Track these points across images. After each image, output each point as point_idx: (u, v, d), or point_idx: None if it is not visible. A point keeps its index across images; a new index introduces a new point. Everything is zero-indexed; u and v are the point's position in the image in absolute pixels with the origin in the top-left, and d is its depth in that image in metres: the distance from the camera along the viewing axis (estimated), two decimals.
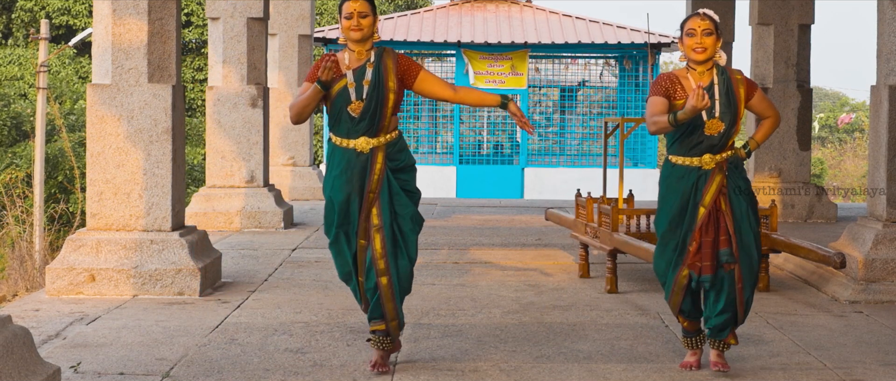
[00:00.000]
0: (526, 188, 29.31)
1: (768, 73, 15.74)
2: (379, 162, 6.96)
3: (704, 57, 6.95)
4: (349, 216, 6.99)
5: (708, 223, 7.01)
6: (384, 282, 6.98)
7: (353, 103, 6.92)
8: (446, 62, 31.88)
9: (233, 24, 14.41)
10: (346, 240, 7.03)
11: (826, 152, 45.85)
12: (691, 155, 7.01)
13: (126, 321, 8.56)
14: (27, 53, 37.71)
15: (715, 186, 6.99)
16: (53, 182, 25.18)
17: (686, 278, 7.07)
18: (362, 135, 6.95)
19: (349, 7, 6.92)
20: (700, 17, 6.96)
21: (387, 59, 7.00)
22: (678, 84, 7.02)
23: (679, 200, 7.04)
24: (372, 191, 6.95)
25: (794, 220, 15.64)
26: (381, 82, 6.94)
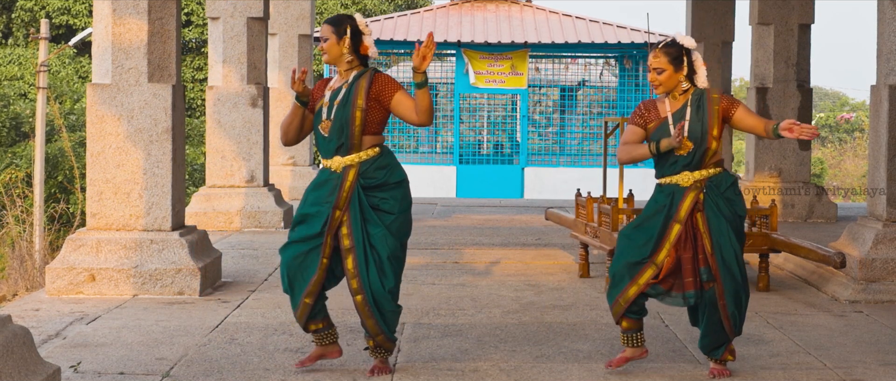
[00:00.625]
0: (526, 188, 29.30)
1: (768, 72, 15.74)
2: (349, 180, 6.92)
3: (663, 91, 7.06)
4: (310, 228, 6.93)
5: (685, 240, 6.99)
6: (359, 300, 6.92)
7: (323, 122, 6.97)
8: (446, 62, 31.89)
9: (233, 24, 14.41)
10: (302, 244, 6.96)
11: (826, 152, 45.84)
12: (670, 173, 7.04)
13: (126, 321, 8.56)
14: (27, 53, 37.72)
15: (689, 202, 6.97)
16: (53, 182, 25.17)
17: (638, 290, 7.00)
18: (335, 154, 6.96)
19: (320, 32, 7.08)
20: (653, 55, 7.04)
21: (362, 80, 6.98)
22: (654, 109, 7.13)
23: (653, 208, 7.07)
24: (338, 208, 6.90)
25: (794, 220, 15.64)
26: (350, 101, 6.92)
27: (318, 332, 7.12)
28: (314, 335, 7.14)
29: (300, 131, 7.17)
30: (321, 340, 7.15)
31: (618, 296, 7.05)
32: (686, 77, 7.03)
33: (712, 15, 18.46)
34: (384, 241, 6.93)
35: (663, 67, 7.01)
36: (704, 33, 18.55)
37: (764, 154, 15.78)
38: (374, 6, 42.20)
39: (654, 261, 6.98)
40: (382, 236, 6.93)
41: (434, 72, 31.84)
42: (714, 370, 7.15)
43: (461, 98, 29.95)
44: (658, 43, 7.12)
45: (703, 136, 6.97)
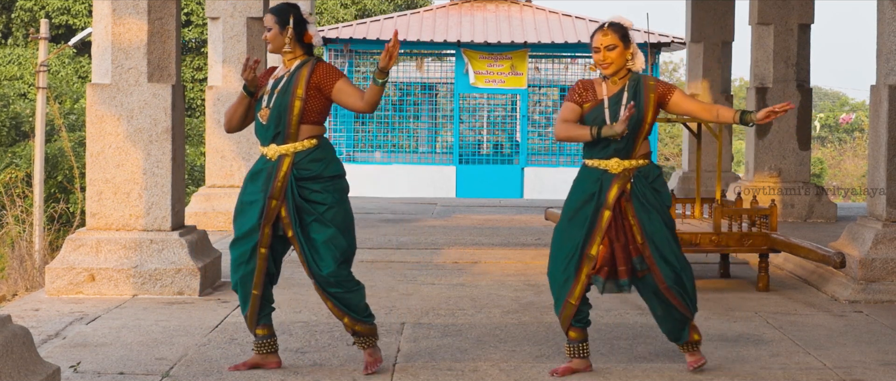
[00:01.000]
0: (526, 188, 29.29)
1: (768, 72, 15.74)
2: (283, 170, 6.91)
3: (610, 71, 7.02)
4: (248, 220, 6.95)
5: (616, 229, 6.99)
6: (315, 285, 7.02)
7: (262, 110, 6.98)
8: (446, 62, 31.89)
9: (232, 24, 14.41)
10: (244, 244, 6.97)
11: (826, 152, 45.85)
12: (600, 157, 7.02)
13: (126, 321, 8.56)
14: (27, 53, 37.73)
15: (617, 189, 6.97)
16: (53, 182, 25.19)
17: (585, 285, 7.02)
18: (271, 142, 6.96)
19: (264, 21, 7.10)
20: (602, 32, 7.01)
21: (304, 69, 6.99)
22: (591, 90, 7.09)
23: (581, 197, 7.05)
24: (274, 198, 6.90)
25: (794, 219, 15.64)
26: (289, 90, 6.93)
27: (262, 338, 7.12)
28: (256, 341, 7.13)
29: (244, 119, 7.18)
30: (261, 347, 7.13)
31: (566, 297, 7.03)
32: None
33: (712, 15, 18.46)
34: (318, 229, 6.91)
35: (615, 43, 6.98)
36: (704, 33, 18.56)
37: (764, 154, 15.78)
38: (373, 6, 42.22)
39: (588, 254, 6.98)
40: (315, 226, 6.91)
41: (434, 72, 31.83)
42: (691, 362, 7.17)
43: (461, 98, 29.93)
44: (602, 24, 7.07)
45: (638, 122, 6.97)
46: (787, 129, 15.74)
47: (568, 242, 7.04)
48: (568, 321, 7.09)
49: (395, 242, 13.43)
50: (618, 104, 6.99)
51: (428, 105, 31.86)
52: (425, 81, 31.53)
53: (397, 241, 13.52)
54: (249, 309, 7.04)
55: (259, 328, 7.10)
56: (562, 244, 7.08)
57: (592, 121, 6.99)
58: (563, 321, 7.12)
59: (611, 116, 6.98)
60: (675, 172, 20.13)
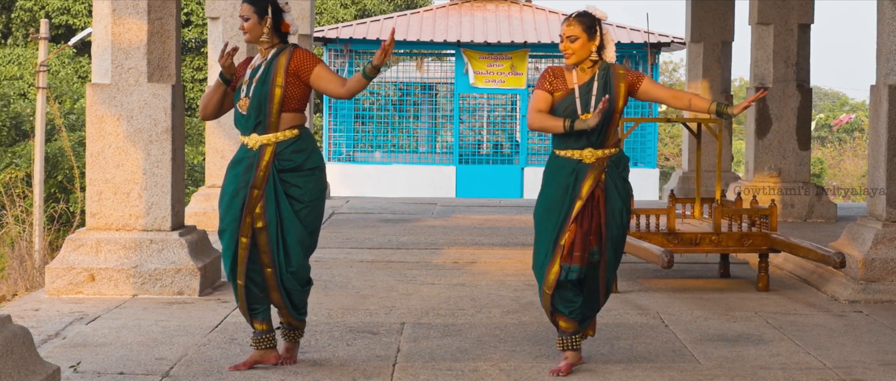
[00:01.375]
0: (526, 188, 29.29)
1: (768, 72, 15.74)
2: (265, 159, 6.93)
3: (573, 61, 7.04)
4: (231, 210, 6.97)
5: (583, 216, 7.03)
6: (270, 272, 6.98)
7: (242, 100, 6.99)
8: (446, 62, 31.89)
9: (232, 24, 14.39)
10: (228, 233, 7.00)
11: (826, 152, 45.85)
12: (573, 148, 7.05)
13: (126, 321, 8.57)
14: (27, 53, 37.72)
15: (591, 180, 7.01)
16: (53, 182, 25.19)
17: (556, 274, 7.06)
18: (252, 131, 6.98)
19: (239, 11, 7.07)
20: (567, 22, 7.03)
21: (281, 57, 7.00)
22: (561, 77, 7.10)
23: (556, 189, 7.09)
24: (256, 187, 6.91)
25: (794, 219, 15.64)
26: (268, 79, 6.94)
27: (261, 333, 7.12)
28: (255, 336, 7.13)
29: (220, 108, 7.20)
30: (260, 343, 7.13)
31: (542, 286, 7.11)
32: (596, 50, 7.04)
33: (712, 15, 18.47)
34: (292, 226, 6.94)
35: (577, 34, 6.99)
36: (704, 33, 18.56)
37: (763, 154, 15.77)
38: (373, 6, 42.21)
39: (560, 243, 7.04)
40: (291, 220, 6.94)
41: (434, 72, 31.83)
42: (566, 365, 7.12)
43: (461, 98, 29.94)
44: (571, 14, 7.07)
45: (610, 112, 6.98)
46: (787, 129, 15.74)
47: (545, 233, 7.11)
48: (548, 309, 7.17)
49: (394, 242, 13.44)
50: (588, 94, 7.02)
51: (428, 105, 31.85)
52: (425, 81, 31.53)
53: (397, 241, 13.52)
54: (239, 300, 7.08)
55: (257, 322, 7.11)
56: (540, 236, 7.14)
57: (563, 110, 7.01)
58: (546, 310, 7.20)
59: (582, 105, 7.01)
60: (675, 172, 20.14)
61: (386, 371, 7.12)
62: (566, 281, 7.06)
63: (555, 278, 7.06)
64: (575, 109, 7.00)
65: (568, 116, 6.98)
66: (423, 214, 17.22)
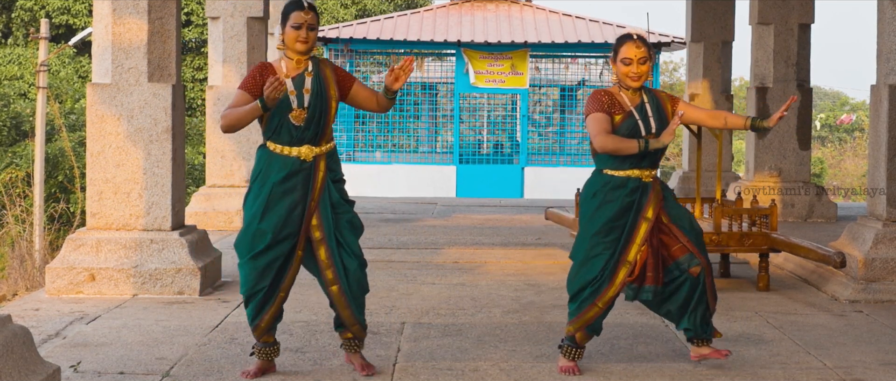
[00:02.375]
0: (526, 188, 29.30)
1: (768, 72, 15.74)
2: (321, 170, 6.88)
3: (639, 84, 7.02)
4: (289, 224, 6.82)
5: (651, 236, 7.03)
6: (335, 290, 6.90)
7: (295, 111, 6.81)
8: (446, 62, 31.89)
9: (233, 24, 14.41)
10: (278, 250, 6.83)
11: (826, 152, 45.86)
12: (631, 169, 7.02)
13: (126, 321, 8.57)
14: (27, 53, 37.73)
15: (654, 201, 7.03)
16: (53, 182, 25.18)
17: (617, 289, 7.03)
18: (306, 143, 6.85)
19: (299, 18, 6.83)
20: (635, 44, 6.97)
21: (325, 69, 6.95)
22: (615, 101, 7.04)
23: (617, 209, 7.02)
24: (314, 200, 6.85)
25: (794, 219, 15.64)
26: (324, 91, 6.88)
27: (269, 345, 7.05)
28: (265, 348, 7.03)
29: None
30: (271, 353, 7.06)
31: (596, 299, 7.03)
32: None
33: (712, 15, 18.46)
34: (351, 230, 6.93)
35: (647, 56, 6.98)
36: (704, 33, 18.55)
37: (764, 154, 15.78)
38: (373, 6, 42.22)
39: (627, 260, 7.00)
40: (350, 221, 6.94)
41: (434, 71, 31.84)
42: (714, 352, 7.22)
43: (461, 98, 29.94)
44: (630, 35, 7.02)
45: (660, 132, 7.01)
46: (787, 129, 15.74)
47: (603, 250, 7.01)
48: (588, 322, 7.09)
49: (395, 241, 13.44)
50: (645, 115, 7.01)
51: (428, 105, 31.87)
52: (425, 81, 31.54)
53: (397, 241, 13.52)
54: (270, 312, 6.92)
55: (268, 334, 7.00)
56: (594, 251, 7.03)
57: (627, 132, 6.97)
58: (581, 322, 7.09)
59: (644, 127, 6.99)
60: (676, 171, 20.14)
61: (386, 371, 7.12)
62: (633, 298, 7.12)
63: (614, 293, 7.02)
64: (639, 131, 6.97)
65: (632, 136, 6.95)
66: (423, 214, 17.22)
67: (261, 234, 6.81)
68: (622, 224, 7.01)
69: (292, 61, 6.92)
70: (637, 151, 6.91)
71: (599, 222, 7.03)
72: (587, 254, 7.06)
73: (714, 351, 7.23)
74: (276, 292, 6.90)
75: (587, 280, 7.05)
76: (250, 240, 6.85)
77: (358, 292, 6.96)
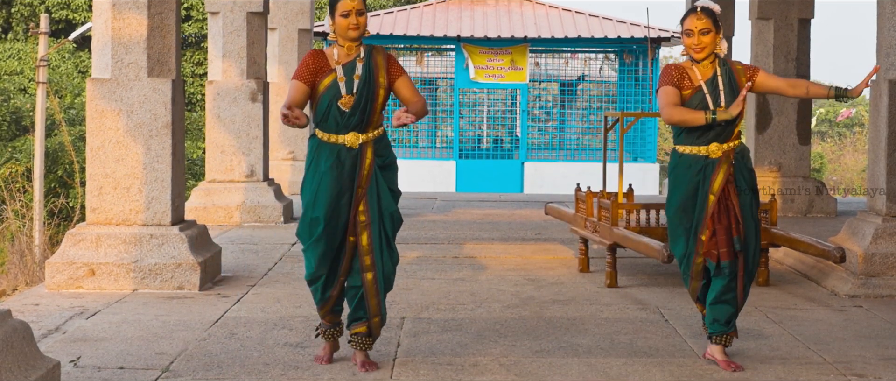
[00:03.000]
0: (525, 183, 29.31)
1: (768, 67, 15.73)
2: (368, 157, 6.95)
3: (703, 55, 7.08)
4: (339, 211, 6.92)
5: (719, 211, 7.12)
6: (369, 278, 6.98)
7: (344, 98, 6.89)
8: (446, 56, 31.89)
9: (232, 19, 14.40)
10: (331, 236, 6.94)
11: (826, 147, 45.83)
12: (699, 144, 7.12)
13: (126, 316, 8.57)
14: (27, 48, 37.69)
15: (722, 175, 7.10)
16: (53, 177, 25.15)
17: (701, 264, 7.19)
18: (352, 130, 6.93)
19: (347, 5, 6.90)
20: (697, 16, 7.05)
21: (377, 56, 7.01)
22: (685, 75, 7.12)
23: (686, 188, 7.17)
24: (361, 186, 6.93)
25: (794, 214, 15.65)
26: (372, 78, 6.94)
27: (334, 326, 7.21)
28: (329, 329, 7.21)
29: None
30: (335, 334, 7.24)
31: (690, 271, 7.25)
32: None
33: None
34: (392, 220, 7.04)
35: (709, 27, 7.05)
36: None
37: (764, 149, 15.78)
38: (373, 0, 42.19)
39: (701, 238, 7.14)
40: (392, 214, 7.04)
41: (434, 66, 31.85)
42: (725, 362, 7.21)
43: (461, 93, 29.95)
44: (694, 7, 7.11)
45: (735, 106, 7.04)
46: (787, 124, 15.75)
47: (682, 230, 7.23)
48: (695, 293, 7.36)
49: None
50: (716, 89, 7.08)
51: (428, 100, 31.86)
52: (425, 76, 31.55)
53: (397, 235, 13.50)
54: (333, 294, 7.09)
55: (333, 314, 7.18)
56: (676, 232, 7.27)
57: (695, 107, 7.06)
58: (692, 294, 7.40)
59: (712, 100, 7.07)
60: None
61: (386, 366, 7.13)
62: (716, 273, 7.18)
63: (701, 267, 7.20)
64: (707, 105, 7.06)
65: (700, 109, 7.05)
66: (423, 208, 17.22)
67: (315, 222, 6.94)
68: (693, 204, 7.16)
69: (343, 48, 6.99)
70: (704, 123, 6.98)
71: (673, 204, 7.25)
72: (672, 232, 7.31)
73: (724, 361, 7.22)
74: (336, 277, 7.05)
75: (679, 257, 7.31)
76: (308, 228, 6.99)
77: (387, 285, 7.08)
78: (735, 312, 7.24)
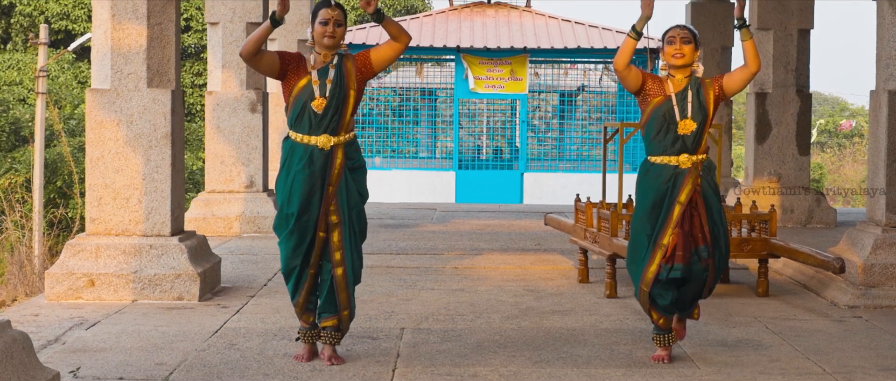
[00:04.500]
0: (525, 193, 29.30)
1: (768, 77, 15.74)
2: (339, 158, 7.29)
3: (682, 62, 7.47)
4: (310, 208, 7.24)
5: (684, 219, 7.46)
6: (339, 272, 7.34)
7: (317, 100, 7.23)
8: (445, 67, 31.90)
9: (232, 29, 14.41)
10: (303, 231, 7.27)
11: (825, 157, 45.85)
12: (668, 154, 7.48)
13: (125, 326, 8.56)
14: (26, 58, 37.70)
15: (690, 185, 7.44)
16: (53, 187, 25.16)
17: (654, 273, 7.46)
18: (324, 132, 7.26)
19: (327, 14, 7.26)
20: (679, 28, 7.49)
21: (347, 62, 7.33)
22: (659, 84, 7.53)
23: (655, 195, 7.49)
24: (332, 185, 7.26)
25: (794, 225, 15.64)
26: (343, 82, 7.28)
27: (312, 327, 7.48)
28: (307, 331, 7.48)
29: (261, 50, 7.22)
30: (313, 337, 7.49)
31: (639, 284, 7.53)
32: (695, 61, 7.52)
33: (711, 20, 18.47)
34: (360, 220, 7.41)
35: (691, 39, 7.47)
36: (703, 38, 18.50)
37: (763, 159, 15.78)
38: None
39: (661, 243, 7.45)
40: (359, 213, 7.40)
41: (433, 77, 31.86)
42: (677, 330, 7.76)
43: (460, 103, 29.95)
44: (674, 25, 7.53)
45: (704, 118, 7.44)
46: (786, 134, 15.75)
47: (643, 236, 7.52)
48: (646, 305, 7.59)
49: (394, 247, 13.44)
50: (684, 100, 7.45)
51: (428, 110, 31.88)
52: (425, 87, 31.55)
53: (397, 246, 13.52)
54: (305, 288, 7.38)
55: (307, 313, 7.45)
56: (638, 238, 7.55)
57: (662, 115, 7.44)
58: (643, 306, 7.63)
59: (679, 110, 7.43)
60: None
61: (385, 376, 7.13)
62: (667, 280, 7.47)
63: (653, 275, 7.46)
64: (673, 116, 7.44)
65: (667, 122, 7.44)
66: (422, 219, 17.22)
67: (289, 217, 7.29)
68: (658, 211, 7.47)
69: (320, 55, 7.33)
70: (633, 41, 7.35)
71: (639, 209, 7.57)
72: (633, 238, 7.59)
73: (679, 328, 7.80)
74: (307, 270, 7.35)
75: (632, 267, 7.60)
76: (284, 222, 7.34)
77: (356, 278, 7.43)
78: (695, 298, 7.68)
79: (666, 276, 7.46)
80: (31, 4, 39.43)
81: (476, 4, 32.55)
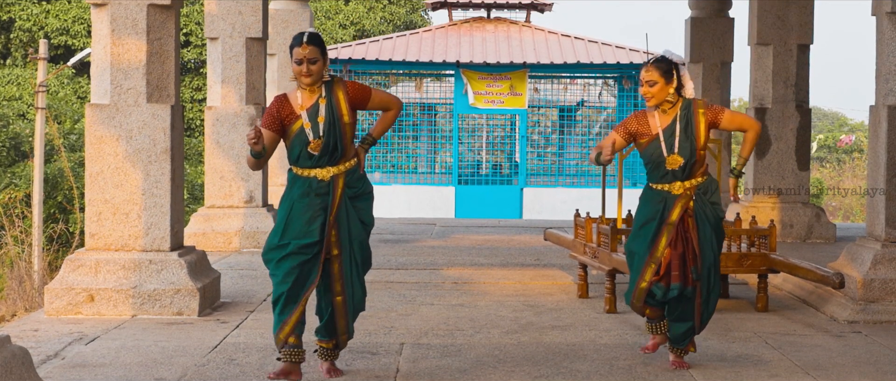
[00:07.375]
0: (525, 208, 29.30)
1: (767, 93, 15.75)
2: (339, 188, 7.21)
3: (653, 103, 7.63)
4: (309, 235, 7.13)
5: (676, 239, 7.61)
6: (339, 300, 7.28)
7: (312, 143, 7.15)
8: (445, 82, 31.92)
9: (232, 44, 14.41)
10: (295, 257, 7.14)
11: (825, 172, 45.83)
12: (663, 182, 7.66)
13: (125, 341, 8.56)
14: (26, 73, 37.73)
15: (679, 208, 7.61)
16: (52, 202, 25.17)
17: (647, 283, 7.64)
18: (325, 165, 7.20)
19: (299, 53, 7.16)
20: (646, 68, 7.61)
21: (338, 91, 7.22)
22: (646, 123, 7.68)
23: (648, 215, 7.68)
24: (332, 215, 7.16)
25: (793, 240, 15.64)
26: (336, 118, 7.18)
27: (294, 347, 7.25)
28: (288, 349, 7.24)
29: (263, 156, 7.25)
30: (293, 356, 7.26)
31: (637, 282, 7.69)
32: (675, 90, 7.60)
33: (711, 35, 18.48)
34: (361, 249, 7.32)
35: (655, 79, 7.56)
36: (703, 54, 18.57)
37: (763, 174, 15.78)
38: (372, 26, 42.27)
39: (655, 256, 7.61)
40: (361, 244, 7.31)
41: (433, 92, 31.87)
42: (675, 362, 7.81)
43: (460, 118, 29.96)
44: (649, 59, 7.65)
45: (692, 151, 7.57)
46: (786, 149, 15.75)
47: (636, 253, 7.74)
48: (641, 299, 7.72)
49: (394, 262, 13.43)
50: (672, 136, 7.59)
51: (427, 125, 31.87)
52: (424, 102, 31.57)
53: (396, 261, 13.52)
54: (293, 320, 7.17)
55: (294, 336, 7.24)
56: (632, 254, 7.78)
57: (650, 155, 7.60)
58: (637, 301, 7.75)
59: (667, 147, 7.58)
60: None
61: None
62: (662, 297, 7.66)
63: (643, 292, 7.67)
64: (661, 153, 7.59)
65: (656, 161, 7.62)
66: (422, 234, 17.22)
67: (282, 246, 7.18)
68: (649, 229, 7.63)
69: (306, 91, 7.24)
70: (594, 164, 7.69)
71: (635, 227, 7.79)
72: (628, 254, 7.83)
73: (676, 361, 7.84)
74: (300, 297, 7.18)
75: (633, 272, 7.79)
76: (277, 249, 7.21)
77: (358, 308, 7.40)
78: (690, 329, 7.75)
79: (663, 295, 7.61)
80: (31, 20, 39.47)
81: (476, 20, 32.59)
